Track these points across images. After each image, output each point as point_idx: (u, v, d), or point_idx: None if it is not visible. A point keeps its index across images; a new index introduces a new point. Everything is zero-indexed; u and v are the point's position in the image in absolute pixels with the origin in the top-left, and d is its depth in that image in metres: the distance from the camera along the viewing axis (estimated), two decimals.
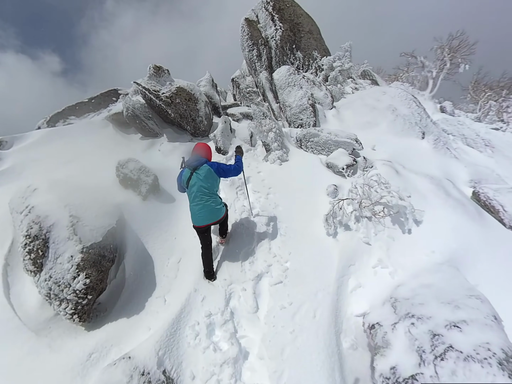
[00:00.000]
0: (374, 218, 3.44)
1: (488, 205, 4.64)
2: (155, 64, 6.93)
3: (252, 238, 3.20)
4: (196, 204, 2.69)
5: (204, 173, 2.65)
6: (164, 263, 3.10)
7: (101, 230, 2.64)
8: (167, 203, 3.90)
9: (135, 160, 4.11)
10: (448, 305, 2.41)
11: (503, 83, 12.22)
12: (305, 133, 5.51)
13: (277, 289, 2.72)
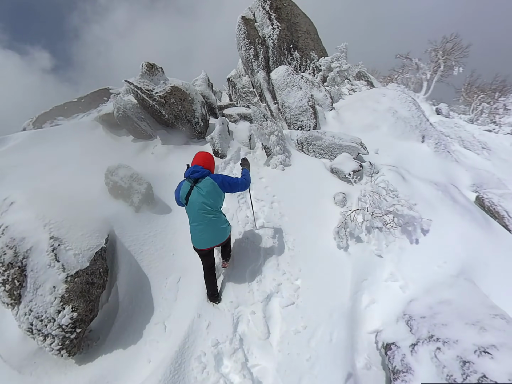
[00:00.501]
0: (385, 228, 3.28)
1: (493, 210, 4.60)
2: (148, 62, 6.56)
3: (258, 254, 2.97)
4: (198, 224, 2.34)
5: (207, 187, 2.25)
6: (161, 283, 2.82)
7: (88, 253, 2.32)
8: (162, 214, 3.58)
9: (126, 166, 3.76)
10: (474, 327, 2.27)
11: (495, 86, 12.49)
12: (307, 136, 5.32)
13: (290, 311, 2.50)
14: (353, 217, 3.05)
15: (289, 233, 3.18)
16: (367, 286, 2.95)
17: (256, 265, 2.88)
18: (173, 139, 6.27)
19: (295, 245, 3.03)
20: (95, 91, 13.51)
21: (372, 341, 2.69)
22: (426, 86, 12.91)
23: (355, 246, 3.06)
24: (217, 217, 2.39)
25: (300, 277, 2.77)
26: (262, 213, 3.48)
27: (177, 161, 4.95)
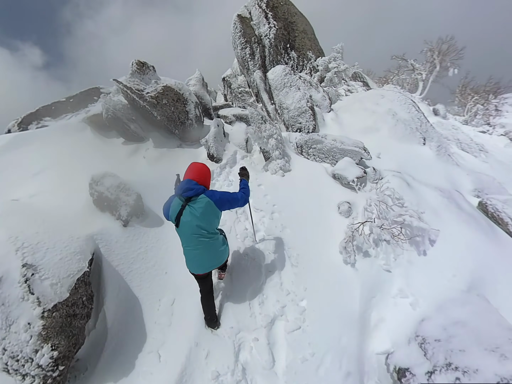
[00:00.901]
0: (393, 240, 3.10)
1: (496, 217, 4.50)
2: (139, 60, 6.22)
3: (259, 272, 2.74)
4: (193, 248, 2.06)
5: (202, 207, 1.92)
6: (154, 306, 2.55)
7: (68, 282, 2.02)
8: (154, 227, 3.29)
9: (113, 175, 3.44)
10: (494, 354, 2.12)
11: (489, 88, 12.60)
12: (307, 139, 5.11)
13: (295, 337, 2.29)
14: (361, 231, 2.85)
15: (292, 247, 2.96)
16: (375, 303, 2.77)
17: (258, 284, 2.65)
18: (166, 142, 5.96)
19: (299, 261, 2.81)
20: (84, 91, 12.97)
21: (382, 363, 2.51)
22: (421, 86, 12.92)
23: (362, 261, 2.86)
24: (214, 239, 2.10)
25: (305, 297, 2.55)
26: (262, 224, 3.25)
27: (170, 166, 4.67)
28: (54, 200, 3.01)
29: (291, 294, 2.57)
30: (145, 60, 6.27)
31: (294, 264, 2.80)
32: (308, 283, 2.64)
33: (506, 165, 8.09)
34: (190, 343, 2.21)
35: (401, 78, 13.45)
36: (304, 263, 2.80)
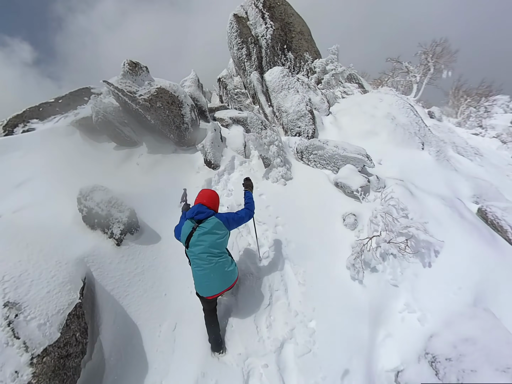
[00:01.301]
0: (399, 254, 3.01)
1: (496, 224, 4.50)
2: (131, 60, 5.92)
3: (265, 292, 2.60)
4: (203, 269, 2.06)
5: (213, 228, 2.05)
6: (155, 332, 2.37)
7: (58, 319, 1.79)
8: (150, 244, 3.08)
9: (103, 189, 3.19)
10: (505, 374, 2.12)
11: (481, 91, 12.83)
12: (308, 145, 4.99)
13: (306, 361, 2.18)
14: (369, 247, 2.75)
15: (298, 263, 2.83)
16: (383, 319, 2.69)
17: (264, 306, 2.51)
18: (161, 146, 5.72)
19: (305, 279, 2.68)
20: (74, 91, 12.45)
21: (391, 380, 2.46)
22: (416, 88, 13.03)
23: (370, 276, 2.77)
24: (224, 258, 2.14)
25: (314, 318, 2.44)
26: (265, 239, 3.10)
27: (165, 173, 4.45)
28: (39, 216, 2.77)
29: (300, 315, 2.46)
30: (137, 60, 5.99)
31: (301, 282, 2.68)
32: (317, 302, 2.53)
33: (500, 168, 8.21)
34: (197, 373, 2.06)
35: (396, 80, 13.53)
36: (312, 280, 2.68)
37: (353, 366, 2.24)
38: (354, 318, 2.47)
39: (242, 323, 2.39)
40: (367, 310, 2.55)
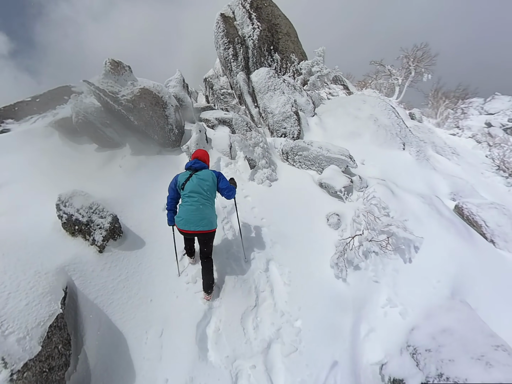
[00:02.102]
0: (381, 251, 3.11)
1: (471, 220, 4.75)
2: (113, 59, 5.73)
3: (251, 293, 2.60)
4: (190, 204, 2.39)
5: (206, 175, 2.48)
6: (141, 339, 2.31)
7: (39, 332, 1.69)
8: (134, 250, 2.99)
9: (83, 194, 3.07)
10: (480, 362, 2.22)
11: (458, 93, 13.52)
12: (293, 146, 5.04)
13: (293, 359, 2.21)
14: (351, 245, 2.81)
15: (283, 264, 2.85)
16: (365, 314, 2.76)
17: (250, 307, 2.51)
18: (145, 148, 5.58)
19: (291, 279, 2.71)
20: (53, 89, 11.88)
21: (376, 373, 2.54)
22: (398, 90, 13.50)
23: (353, 274, 2.84)
24: (209, 204, 2.47)
25: (300, 317, 2.47)
26: (251, 241, 3.10)
27: (150, 176, 4.35)
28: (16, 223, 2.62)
29: (286, 315, 2.48)
30: (120, 59, 5.81)
31: (287, 282, 2.70)
32: (302, 301, 2.56)
33: (475, 167, 8.67)
34: (185, 378, 2.02)
35: (379, 82, 13.98)
36: (297, 280, 2.71)
37: (339, 361, 2.29)
38: (339, 315, 2.53)
39: (229, 326, 2.39)
40: (350, 307, 2.62)
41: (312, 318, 2.46)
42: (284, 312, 2.50)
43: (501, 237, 4.48)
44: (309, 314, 2.47)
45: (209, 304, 2.55)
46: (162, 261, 3.01)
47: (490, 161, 8.84)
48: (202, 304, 2.54)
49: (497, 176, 8.09)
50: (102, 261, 2.74)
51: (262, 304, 2.55)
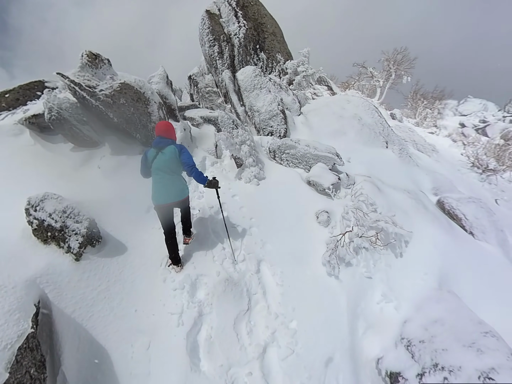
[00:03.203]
0: (371, 247, 3.11)
1: (452, 213, 4.95)
2: (90, 51, 5.35)
3: (242, 297, 2.47)
4: (159, 181, 2.64)
5: (169, 152, 2.63)
6: (126, 354, 2.11)
7: (6, 357, 1.47)
8: (115, 256, 2.76)
9: (56, 197, 2.79)
10: (471, 349, 2.27)
11: (435, 95, 14.23)
12: (280, 144, 4.99)
13: (290, 362, 2.13)
14: (342, 242, 2.78)
15: (275, 264, 2.76)
16: (361, 312, 2.75)
17: (243, 311, 2.39)
18: (126, 147, 5.28)
19: (283, 279, 2.62)
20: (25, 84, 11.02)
21: (373, 367, 2.50)
22: (379, 92, 13.95)
23: (345, 271, 2.81)
24: (176, 177, 2.68)
25: (295, 318, 2.39)
26: (240, 242, 2.98)
27: (131, 177, 4.10)
28: None
29: (280, 317, 2.40)
30: (98, 52, 5.45)
31: (279, 283, 2.61)
32: (296, 302, 2.48)
33: (452, 163, 9.13)
34: None
35: (362, 84, 14.38)
36: (289, 280, 2.62)
37: (338, 361, 2.25)
38: (334, 314, 2.48)
39: (221, 333, 2.25)
40: (345, 304, 2.58)
41: (307, 318, 2.39)
42: (278, 314, 2.41)
43: (479, 229, 4.71)
44: (304, 315, 2.40)
45: (199, 311, 2.40)
46: (146, 267, 2.82)
47: (466, 159, 9.35)
48: (192, 311, 2.38)
49: (472, 173, 8.57)
50: (79, 270, 2.50)
51: (255, 307, 2.44)
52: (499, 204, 7.03)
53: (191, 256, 2.86)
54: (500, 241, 4.66)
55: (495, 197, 7.28)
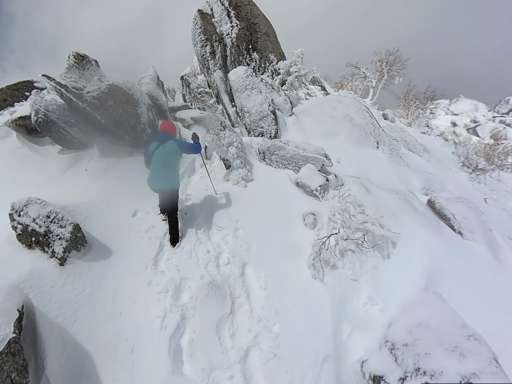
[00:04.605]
0: (357, 249, 3.11)
1: (441, 213, 4.99)
2: (77, 52, 5.28)
3: (226, 300, 2.45)
4: (157, 168, 2.99)
5: (169, 147, 2.99)
6: (110, 358, 2.10)
7: None
8: (100, 260, 2.74)
9: (40, 202, 2.77)
10: (454, 353, 2.27)
11: (427, 95, 14.40)
12: (269, 145, 4.98)
13: (272, 366, 2.12)
14: (327, 245, 2.78)
15: (259, 267, 2.74)
16: (345, 314, 2.73)
17: (226, 315, 2.37)
18: (114, 149, 5.20)
19: (267, 282, 2.61)
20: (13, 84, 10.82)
21: (358, 370, 2.50)
22: (372, 92, 14.05)
23: (330, 274, 2.80)
24: (172, 169, 3.06)
25: (278, 321, 2.38)
26: (225, 244, 2.95)
27: (119, 179, 4.06)
28: None
29: (263, 320, 2.38)
30: (85, 53, 5.37)
31: (263, 286, 2.59)
32: (279, 305, 2.46)
33: (443, 162, 9.22)
34: None
35: (355, 84, 14.47)
36: (273, 283, 2.61)
37: (319, 363, 2.23)
38: (318, 317, 2.47)
39: (203, 336, 2.24)
40: (329, 307, 2.57)
41: (291, 322, 2.38)
42: (261, 318, 2.39)
43: (467, 229, 4.75)
44: (287, 318, 2.39)
45: (182, 314, 2.37)
46: (132, 271, 2.78)
47: (456, 158, 9.45)
48: (175, 315, 2.35)
49: (462, 172, 8.67)
50: (63, 275, 2.49)
51: (238, 311, 2.43)
52: (488, 203, 7.12)
53: (175, 259, 2.84)
54: (488, 240, 4.70)
55: (485, 196, 7.36)
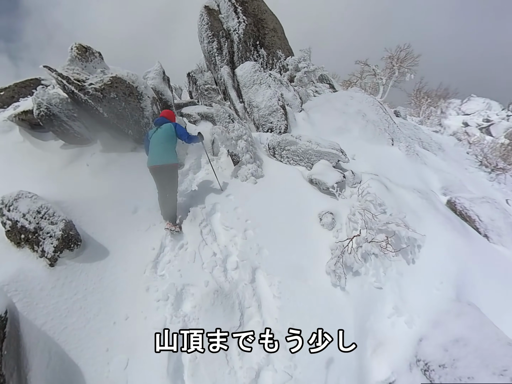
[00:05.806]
0: (381, 253, 2.78)
1: (464, 214, 4.62)
2: (80, 44, 5.09)
3: (234, 311, 2.15)
4: (153, 147, 3.12)
5: (166, 127, 3.19)
6: (102, 373, 1.84)
7: None
8: (95, 261, 2.47)
9: (30, 196, 2.53)
10: (503, 378, 1.93)
11: (440, 93, 13.91)
12: (280, 140, 4.68)
13: None
14: (350, 249, 2.45)
15: (272, 272, 2.43)
16: (370, 327, 2.42)
17: (234, 327, 2.08)
18: (117, 144, 4.98)
19: (281, 290, 2.29)
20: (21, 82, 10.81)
21: None
22: (382, 90, 13.62)
23: (352, 281, 2.48)
24: (169, 148, 3.14)
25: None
26: (234, 246, 2.65)
27: (119, 175, 3.83)
28: None
29: (277, 335, 2.06)
30: (88, 45, 5.18)
31: (277, 295, 2.28)
32: (295, 317, 2.15)
33: (459, 162, 8.78)
34: None
35: (364, 82, 14.07)
36: (288, 292, 2.29)
37: None
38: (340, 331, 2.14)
39: (208, 353, 1.94)
40: (352, 320, 2.26)
41: (309, 337, 2.06)
42: (274, 333, 2.07)
43: (494, 232, 4.37)
44: (305, 333, 2.06)
45: (183, 326, 2.08)
46: (129, 274, 2.52)
47: (473, 157, 8.99)
48: (175, 327, 2.06)
49: (480, 172, 8.22)
50: (53, 277, 2.24)
51: (248, 323, 2.13)
52: (510, 204, 6.69)
53: (177, 262, 2.55)
54: None
55: (506, 197, 6.93)
